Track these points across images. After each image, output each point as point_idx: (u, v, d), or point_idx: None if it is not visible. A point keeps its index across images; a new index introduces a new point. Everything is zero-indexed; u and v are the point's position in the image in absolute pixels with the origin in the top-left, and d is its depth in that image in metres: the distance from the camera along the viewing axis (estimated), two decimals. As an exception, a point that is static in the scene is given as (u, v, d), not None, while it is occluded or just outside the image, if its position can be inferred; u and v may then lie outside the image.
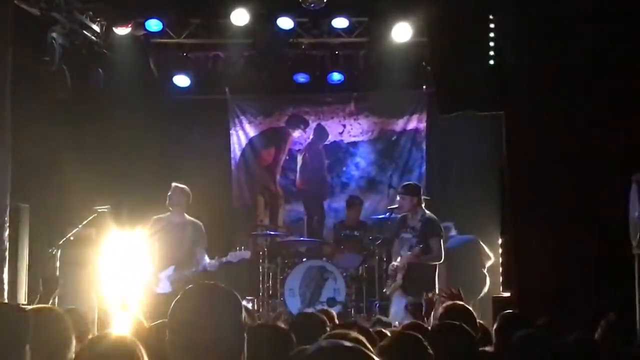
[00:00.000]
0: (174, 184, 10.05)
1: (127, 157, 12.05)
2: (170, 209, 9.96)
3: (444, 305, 5.95)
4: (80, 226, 9.96)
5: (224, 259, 9.88)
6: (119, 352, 3.25)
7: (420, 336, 4.05)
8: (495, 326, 5.92)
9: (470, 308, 5.79)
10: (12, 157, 9.58)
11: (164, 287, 9.75)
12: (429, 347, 3.94)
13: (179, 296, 2.93)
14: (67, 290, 9.79)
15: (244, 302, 10.15)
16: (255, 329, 4.33)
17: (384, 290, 10.51)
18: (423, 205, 10.03)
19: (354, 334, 4.19)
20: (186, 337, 2.79)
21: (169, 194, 9.95)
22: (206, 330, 2.77)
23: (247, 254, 10.11)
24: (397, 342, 3.96)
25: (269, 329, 4.50)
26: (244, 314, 2.87)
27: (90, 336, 4.31)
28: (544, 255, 8.71)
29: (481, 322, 6.16)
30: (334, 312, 8.09)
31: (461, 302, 6.01)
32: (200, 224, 10.02)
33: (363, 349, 2.11)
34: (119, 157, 11.96)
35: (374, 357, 2.08)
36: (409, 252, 9.71)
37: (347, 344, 2.13)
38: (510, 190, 9.45)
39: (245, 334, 2.85)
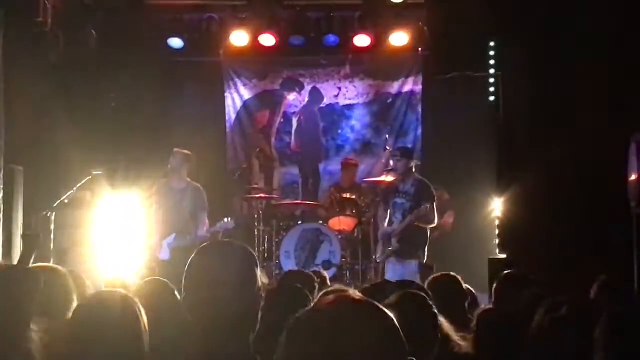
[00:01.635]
0: (175, 149, 10.08)
1: (121, 120, 11.97)
2: (171, 174, 10.00)
3: (432, 276, 5.96)
4: (74, 189, 9.91)
5: (212, 229, 9.97)
6: (117, 308, 3.23)
7: (425, 295, 4.05)
8: (495, 285, 5.91)
9: (456, 275, 5.79)
10: (5, 119, 9.53)
11: (165, 254, 9.81)
12: (434, 307, 3.94)
13: (194, 253, 2.91)
14: (63, 253, 9.81)
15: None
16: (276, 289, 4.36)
17: (375, 257, 10.54)
18: (414, 170, 10.07)
19: (352, 291, 4.20)
20: (202, 294, 2.77)
21: (170, 159, 9.98)
22: (222, 287, 2.75)
23: (231, 224, 10.02)
24: (403, 300, 3.95)
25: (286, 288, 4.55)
26: (259, 271, 2.85)
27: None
28: (541, 215, 8.72)
29: (468, 287, 6.15)
30: (326, 274, 8.09)
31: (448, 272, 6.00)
32: (201, 188, 10.07)
33: (375, 303, 2.07)
34: (113, 120, 11.88)
35: (386, 310, 2.04)
36: (410, 216, 9.71)
37: (359, 297, 2.10)
38: (507, 150, 9.45)
39: (260, 291, 2.83)
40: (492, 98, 10.33)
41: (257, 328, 2.82)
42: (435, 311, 3.92)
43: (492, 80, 10.27)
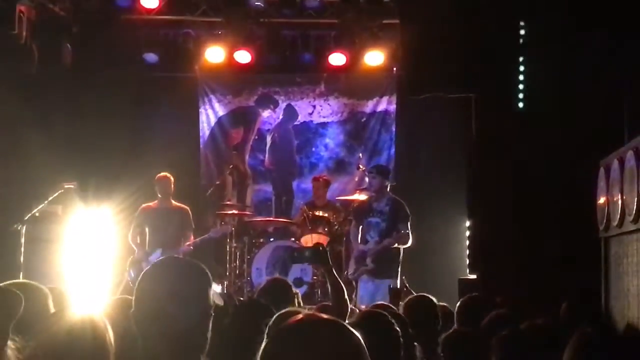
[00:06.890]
0: (160, 174, 10.63)
1: (94, 133, 11.91)
2: (159, 195, 10.64)
3: (407, 299, 6.02)
4: (46, 202, 9.86)
5: (206, 236, 10.85)
6: (83, 326, 3.23)
7: (387, 313, 4.07)
8: (457, 307, 5.95)
9: (432, 297, 5.84)
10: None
11: None
12: (395, 324, 3.96)
13: (147, 268, 2.91)
14: (33, 267, 9.72)
15: (216, 287, 10.47)
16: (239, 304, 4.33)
17: (347, 273, 10.52)
18: (389, 189, 10.07)
19: (305, 311, 4.20)
20: (151, 308, 2.75)
21: (156, 185, 10.57)
22: (171, 302, 2.73)
23: (228, 229, 10.91)
24: (365, 319, 3.97)
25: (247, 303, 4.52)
26: (211, 289, 2.83)
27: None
28: (510, 237, 8.79)
29: (444, 304, 6.20)
30: (298, 291, 8.07)
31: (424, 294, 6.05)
32: (187, 209, 10.71)
33: (341, 322, 2.10)
34: (86, 133, 11.83)
35: (352, 329, 2.07)
36: (388, 239, 9.70)
37: (326, 316, 2.12)
38: (477, 173, 9.51)
39: (211, 310, 2.81)
40: (464, 120, 10.39)
41: (206, 349, 2.80)
42: (397, 329, 3.93)
43: (464, 101, 10.32)
